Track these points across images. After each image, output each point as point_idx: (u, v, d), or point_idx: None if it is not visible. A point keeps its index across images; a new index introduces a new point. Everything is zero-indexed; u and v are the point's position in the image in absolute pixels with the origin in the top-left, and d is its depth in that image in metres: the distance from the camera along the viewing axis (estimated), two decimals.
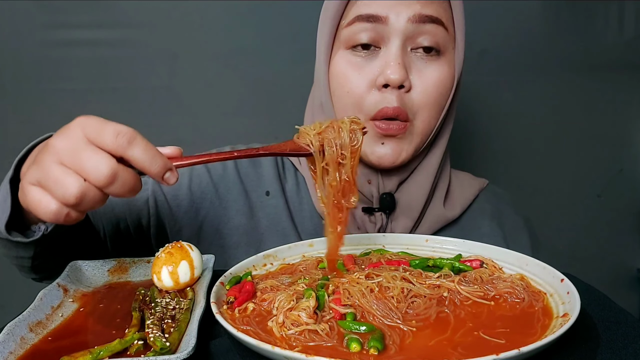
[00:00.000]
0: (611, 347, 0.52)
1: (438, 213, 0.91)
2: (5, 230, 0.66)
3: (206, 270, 0.70)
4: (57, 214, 0.54)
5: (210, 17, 1.40)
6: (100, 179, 0.53)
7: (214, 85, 1.43)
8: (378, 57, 0.82)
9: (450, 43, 0.84)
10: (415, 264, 0.70)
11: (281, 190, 0.94)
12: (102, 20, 1.38)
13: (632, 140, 1.57)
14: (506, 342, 0.51)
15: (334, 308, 0.58)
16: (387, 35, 0.80)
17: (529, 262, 0.68)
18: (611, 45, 1.49)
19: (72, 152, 0.54)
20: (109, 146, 0.54)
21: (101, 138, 0.54)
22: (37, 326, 0.56)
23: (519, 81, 1.49)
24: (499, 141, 1.53)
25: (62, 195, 0.53)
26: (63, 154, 0.54)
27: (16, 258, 0.72)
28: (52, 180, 0.53)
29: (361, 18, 0.81)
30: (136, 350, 0.52)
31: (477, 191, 0.98)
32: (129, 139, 0.54)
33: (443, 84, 0.83)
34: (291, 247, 0.78)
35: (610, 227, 1.61)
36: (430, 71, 0.82)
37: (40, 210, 0.55)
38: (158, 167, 0.56)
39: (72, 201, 0.53)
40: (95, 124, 0.55)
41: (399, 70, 0.79)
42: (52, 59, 1.38)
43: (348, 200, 0.66)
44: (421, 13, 0.79)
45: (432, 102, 0.83)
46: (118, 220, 0.87)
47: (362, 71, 0.82)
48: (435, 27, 0.80)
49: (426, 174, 0.90)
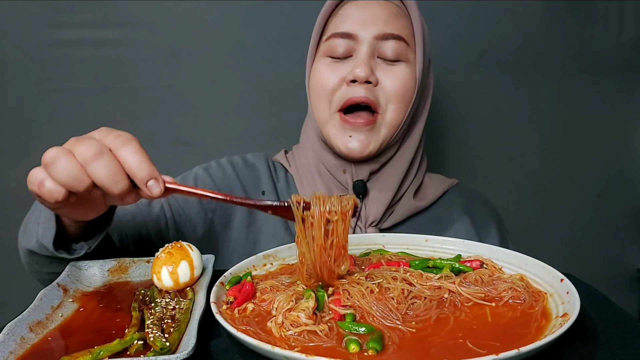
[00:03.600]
0: (610, 347, 0.52)
1: (408, 204, 1.02)
2: (52, 247, 0.69)
3: (206, 270, 0.70)
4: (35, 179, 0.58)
5: (212, 17, 1.40)
6: (85, 154, 0.57)
7: (215, 85, 1.43)
8: (349, 61, 0.96)
9: (411, 53, 0.97)
10: (415, 265, 0.70)
11: (274, 189, 1.06)
12: (103, 19, 1.38)
13: (631, 140, 1.57)
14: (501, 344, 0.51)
15: (334, 309, 0.58)
16: (358, 46, 0.95)
17: (528, 262, 0.68)
18: (611, 45, 1.49)
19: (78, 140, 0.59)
20: (107, 142, 0.59)
21: (107, 136, 0.60)
22: (37, 326, 0.56)
23: (519, 81, 1.49)
24: (499, 141, 1.53)
25: (44, 158, 0.57)
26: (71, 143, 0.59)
27: (48, 274, 0.75)
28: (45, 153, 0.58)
29: (336, 35, 0.96)
30: (136, 350, 0.52)
31: (447, 187, 1.09)
32: (125, 141, 0.59)
33: (406, 81, 0.96)
34: (291, 247, 0.78)
35: (610, 227, 1.61)
36: (394, 71, 0.95)
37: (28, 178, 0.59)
38: (144, 172, 0.59)
39: (47, 160, 0.57)
40: (108, 129, 0.61)
41: (365, 69, 0.92)
42: (54, 58, 1.38)
43: (338, 266, 0.63)
44: (385, 32, 0.94)
45: (398, 95, 0.95)
46: (140, 229, 0.91)
47: (335, 70, 0.96)
48: (396, 42, 0.95)
49: (397, 169, 1.01)
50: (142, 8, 1.38)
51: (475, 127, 1.51)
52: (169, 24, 1.39)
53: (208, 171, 1.04)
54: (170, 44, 1.40)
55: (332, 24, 0.98)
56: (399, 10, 0.97)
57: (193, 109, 1.43)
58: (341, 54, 0.96)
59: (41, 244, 0.70)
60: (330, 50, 0.97)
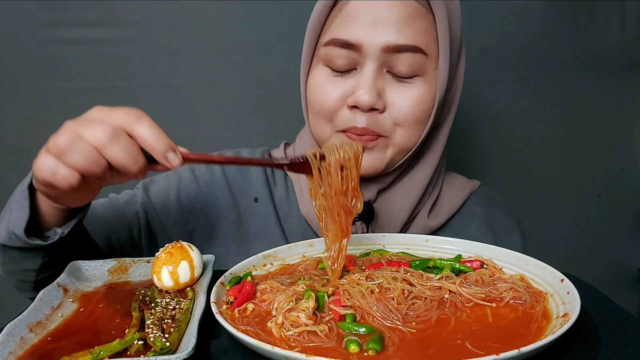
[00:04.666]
0: (611, 347, 0.52)
1: (421, 224, 0.91)
2: (24, 233, 0.67)
3: (206, 270, 0.70)
4: (46, 167, 0.55)
5: (210, 16, 1.39)
6: (100, 136, 0.55)
7: (213, 84, 1.42)
8: (353, 77, 0.81)
9: (430, 64, 0.80)
10: (415, 265, 0.70)
11: (270, 196, 0.94)
12: (101, 18, 1.38)
13: (632, 140, 1.57)
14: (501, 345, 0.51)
15: (334, 309, 0.58)
16: (363, 60, 0.79)
17: (529, 262, 0.68)
18: (612, 45, 1.49)
19: (82, 123, 0.57)
20: (118, 121, 0.56)
21: (112, 115, 0.57)
22: (37, 326, 0.56)
23: (519, 81, 1.49)
24: (499, 141, 1.53)
25: (54, 145, 0.55)
26: (75, 126, 0.56)
27: (22, 272, 0.73)
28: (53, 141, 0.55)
29: (336, 42, 0.79)
30: (136, 350, 0.52)
31: (468, 194, 0.96)
32: (138, 116, 0.57)
33: (421, 102, 0.81)
34: (291, 247, 0.78)
35: (610, 227, 1.61)
36: (406, 91, 0.80)
37: (36, 166, 0.57)
38: (162, 145, 0.57)
39: (61, 146, 0.54)
40: (106, 108, 0.59)
41: (370, 93, 0.77)
42: (52, 58, 1.38)
43: (355, 206, 0.67)
44: (396, 43, 0.76)
45: (409, 121, 0.81)
46: (109, 234, 0.87)
47: (336, 87, 0.81)
48: (411, 55, 0.78)
49: (413, 187, 0.89)
50: (140, 7, 1.37)
51: (475, 127, 1.51)
52: (168, 23, 1.39)
53: (194, 173, 0.93)
54: (168, 43, 1.40)
55: (332, 23, 0.81)
56: (418, 9, 0.78)
57: (192, 108, 1.43)
58: (343, 67, 0.81)
59: (11, 233, 0.67)
60: (329, 60, 0.81)
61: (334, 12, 0.81)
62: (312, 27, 0.83)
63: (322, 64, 0.83)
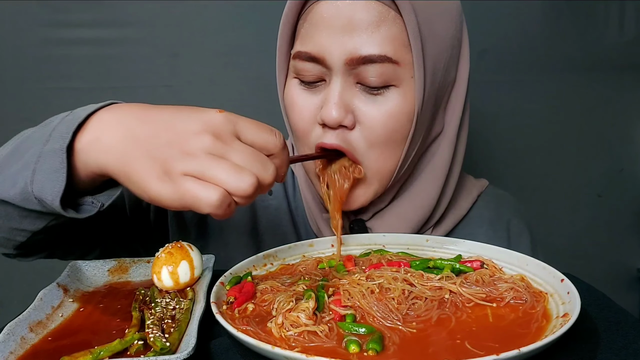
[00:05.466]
0: (611, 347, 0.52)
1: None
2: (60, 203, 0.57)
3: (206, 270, 0.70)
4: (222, 203, 0.51)
5: (211, 16, 1.40)
6: (269, 180, 0.54)
7: (214, 84, 1.43)
8: (322, 91, 0.75)
9: (406, 73, 0.72)
10: (416, 265, 0.70)
11: (283, 190, 0.92)
12: (102, 19, 1.38)
13: (632, 140, 1.57)
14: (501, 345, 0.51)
15: (334, 309, 0.58)
16: (329, 73, 0.73)
17: (529, 262, 0.68)
18: (611, 45, 1.49)
19: (237, 151, 0.53)
20: (268, 145, 0.55)
21: (259, 137, 0.55)
22: (37, 326, 0.56)
23: (519, 81, 1.49)
24: (499, 141, 1.53)
25: (237, 186, 0.51)
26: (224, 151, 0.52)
27: (11, 230, 0.65)
28: (221, 171, 0.51)
29: (301, 55, 0.74)
30: (136, 350, 0.52)
31: (475, 197, 0.92)
32: (283, 139, 0.57)
33: (394, 118, 0.73)
34: (291, 247, 0.78)
35: (610, 227, 1.61)
36: (378, 105, 0.72)
37: (201, 201, 0.51)
38: (288, 166, 0.59)
39: (250, 192, 0.51)
40: (245, 123, 0.55)
41: (336, 109, 0.71)
42: (53, 58, 1.38)
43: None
44: (360, 55, 0.69)
45: (380, 141, 0.73)
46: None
47: (306, 103, 0.76)
48: (379, 65, 0.70)
49: (412, 206, 0.82)
50: (141, 7, 1.38)
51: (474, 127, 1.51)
52: (169, 24, 1.39)
53: None
54: (169, 43, 1.40)
55: (299, 31, 0.76)
56: (385, 13, 0.70)
57: None
58: (312, 80, 0.75)
59: (36, 198, 0.57)
60: (299, 72, 0.76)
61: (301, 21, 0.76)
62: (280, 38, 0.78)
63: (293, 77, 0.78)
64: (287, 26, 0.76)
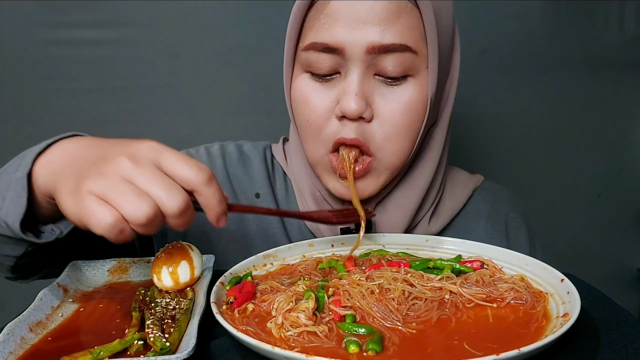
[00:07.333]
0: (611, 347, 0.52)
1: (422, 230, 0.87)
2: (19, 227, 0.61)
3: (206, 270, 0.70)
4: (113, 227, 0.51)
5: (211, 16, 1.40)
6: (174, 210, 0.52)
7: (214, 85, 1.43)
8: (337, 84, 0.75)
9: (421, 63, 0.74)
10: (416, 265, 0.70)
11: (272, 194, 0.91)
12: (101, 19, 1.38)
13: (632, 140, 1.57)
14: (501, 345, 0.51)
15: (334, 310, 0.58)
16: (345, 64, 0.73)
17: (529, 262, 0.68)
18: (611, 44, 1.49)
19: (146, 176, 0.52)
20: (188, 178, 0.53)
21: (180, 169, 0.53)
22: (37, 326, 0.56)
23: (519, 81, 1.49)
24: (499, 141, 1.53)
25: (132, 212, 0.50)
26: (134, 174, 0.52)
27: (1, 256, 0.68)
28: (122, 194, 0.51)
29: (316, 46, 0.73)
30: (136, 350, 0.52)
31: (471, 192, 0.92)
32: (210, 176, 0.54)
33: (411, 110, 0.74)
34: (291, 247, 0.78)
35: (610, 227, 1.61)
36: (396, 96, 0.74)
37: (94, 220, 0.51)
38: (221, 209, 0.56)
39: (143, 221, 0.51)
40: (171, 154, 0.54)
41: (356, 102, 0.71)
42: (52, 58, 1.38)
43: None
44: (381, 43, 0.70)
45: (398, 132, 0.75)
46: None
47: (320, 98, 0.76)
48: (400, 55, 0.71)
49: (412, 193, 0.84)
50: (140, 8, 1.38)
51: (474, 126, 1.51)
52: (168, 24, 1.39)
53: None
54: (168, 43, 1.40)
55: (311, 25, 0.75)
56: (402, 5, 0.71)
57: (192, 109, 1.43)
58: (326, 73, 0.74)
59: (2, 222, 0.62)
60: (310, 65, 0.75)
61: (312, 13, 0.75)
62: (290, 31, 0.77)
63: (303, 71, 0.77)
64: (295, 22, 0.77)
